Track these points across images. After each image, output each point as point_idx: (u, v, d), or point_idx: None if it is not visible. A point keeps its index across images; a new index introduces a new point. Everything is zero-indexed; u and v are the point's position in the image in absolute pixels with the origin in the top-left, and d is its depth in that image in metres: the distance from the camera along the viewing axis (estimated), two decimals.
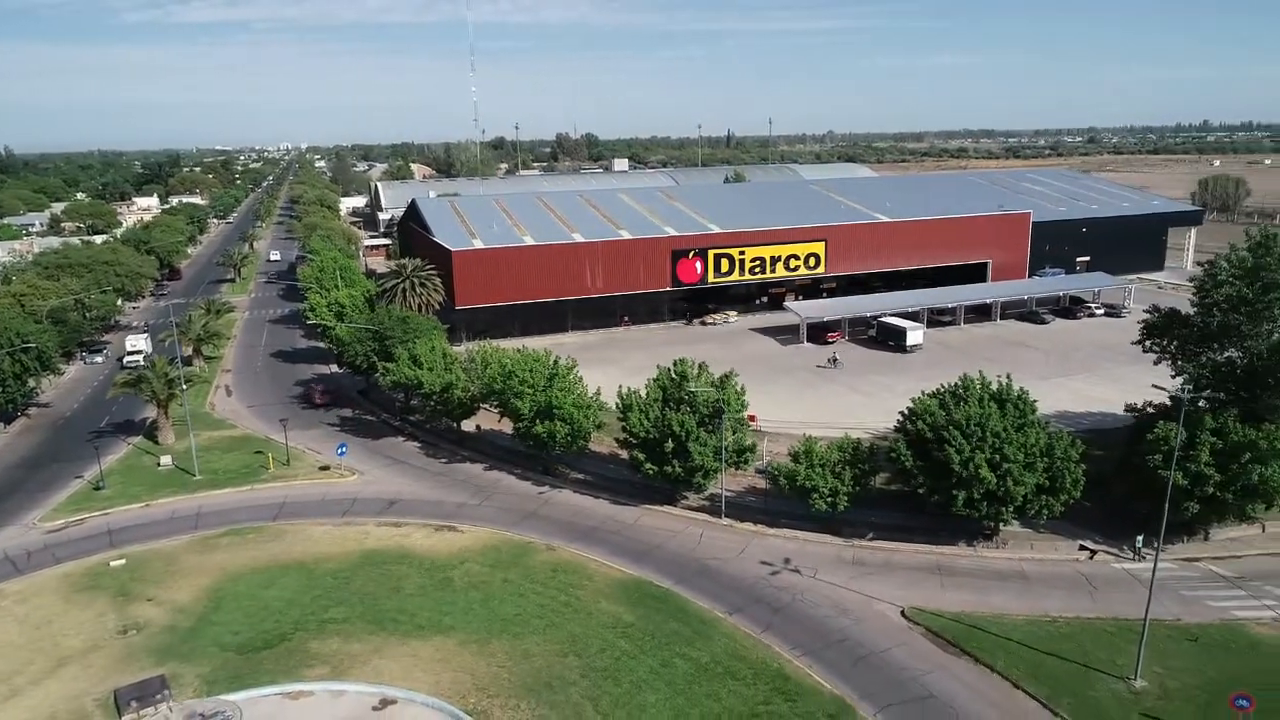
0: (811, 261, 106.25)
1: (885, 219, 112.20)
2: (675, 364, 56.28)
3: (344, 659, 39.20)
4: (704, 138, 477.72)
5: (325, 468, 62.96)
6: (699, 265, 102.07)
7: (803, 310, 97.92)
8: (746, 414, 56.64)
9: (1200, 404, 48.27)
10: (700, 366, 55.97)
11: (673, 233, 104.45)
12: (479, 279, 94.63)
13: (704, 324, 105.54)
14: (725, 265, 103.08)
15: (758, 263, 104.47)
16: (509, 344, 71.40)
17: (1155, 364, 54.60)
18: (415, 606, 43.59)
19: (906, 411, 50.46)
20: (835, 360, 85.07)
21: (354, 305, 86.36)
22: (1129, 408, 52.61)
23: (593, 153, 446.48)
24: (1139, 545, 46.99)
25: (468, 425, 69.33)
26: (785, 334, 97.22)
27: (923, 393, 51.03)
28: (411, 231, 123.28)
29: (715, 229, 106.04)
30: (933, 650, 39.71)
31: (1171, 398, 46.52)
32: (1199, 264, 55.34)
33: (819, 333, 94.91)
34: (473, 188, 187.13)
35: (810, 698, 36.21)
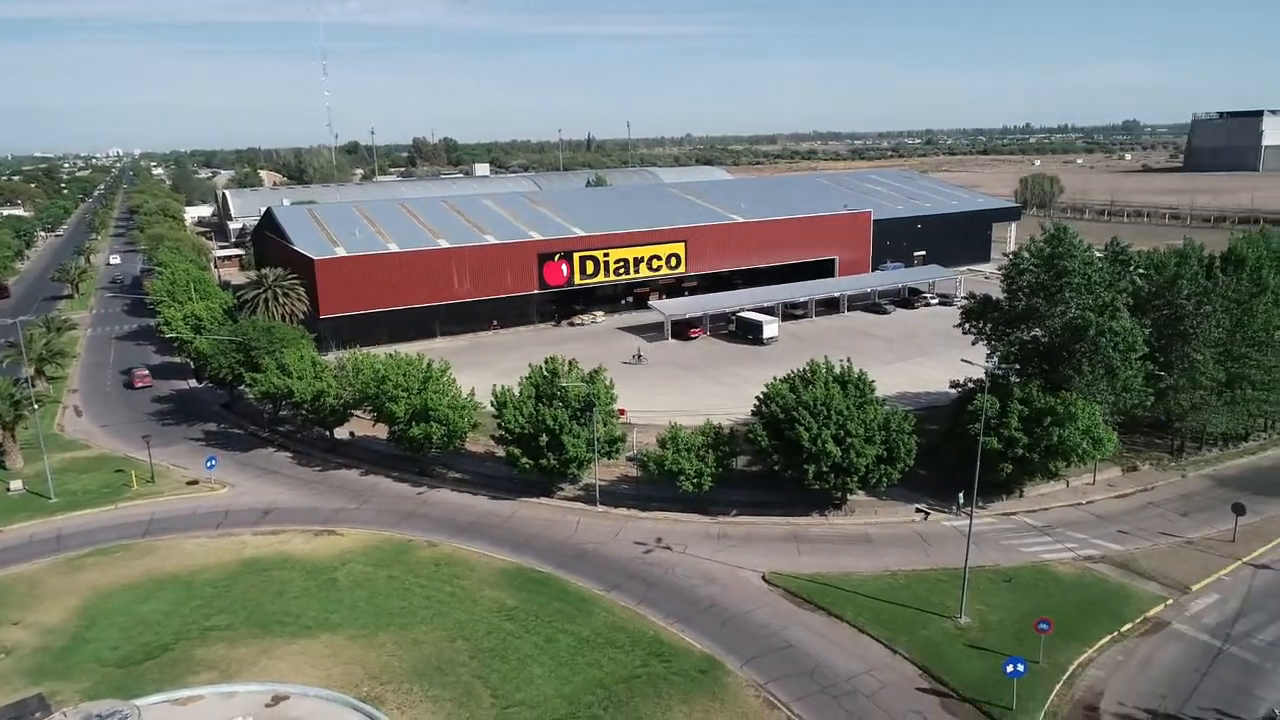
0: (673, 261, 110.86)
1: (740, 220, 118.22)
2: (546, 362, 58.84)
3: (231, 663, 39.75)
4: (565, 141, 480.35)
5: (194, 482, 61.91)
6: (565, 268, 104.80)
7: (666, 309, 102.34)
8: (616, 408, 59.85)
9: (1010, 377, 54.86)
10: (571, 363, 58.74)
11: (538, 236, 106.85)
12: (343, 287, 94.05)
13: (572, 325, 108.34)
14: (591, 267, 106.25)
15: (622, 264, 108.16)
16: (377, 351, 71.87)
17: (973, 344, 61.43)
18: (300, 608, 44.38)
19: (762, 396, 54.91)
20: (639, 357, 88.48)
21: (212, 318, 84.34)
22: (953, 384, 59.06)
23: (452, 157, 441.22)
24: (960, 503, 53.07)
25: (340, 432, 69.45)
26: (651, 332, 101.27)
27: (775, 378, 55.59)
28: (268, 240, 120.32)
29: (579, 232, 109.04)
30: (791, 608, 44.00)
31: (986, 373, 52.83)
32: (1004, 254, 62.36)
33: (682, 329, 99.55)
34: (329, 194, 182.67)
35: (683, 658, 39.68)
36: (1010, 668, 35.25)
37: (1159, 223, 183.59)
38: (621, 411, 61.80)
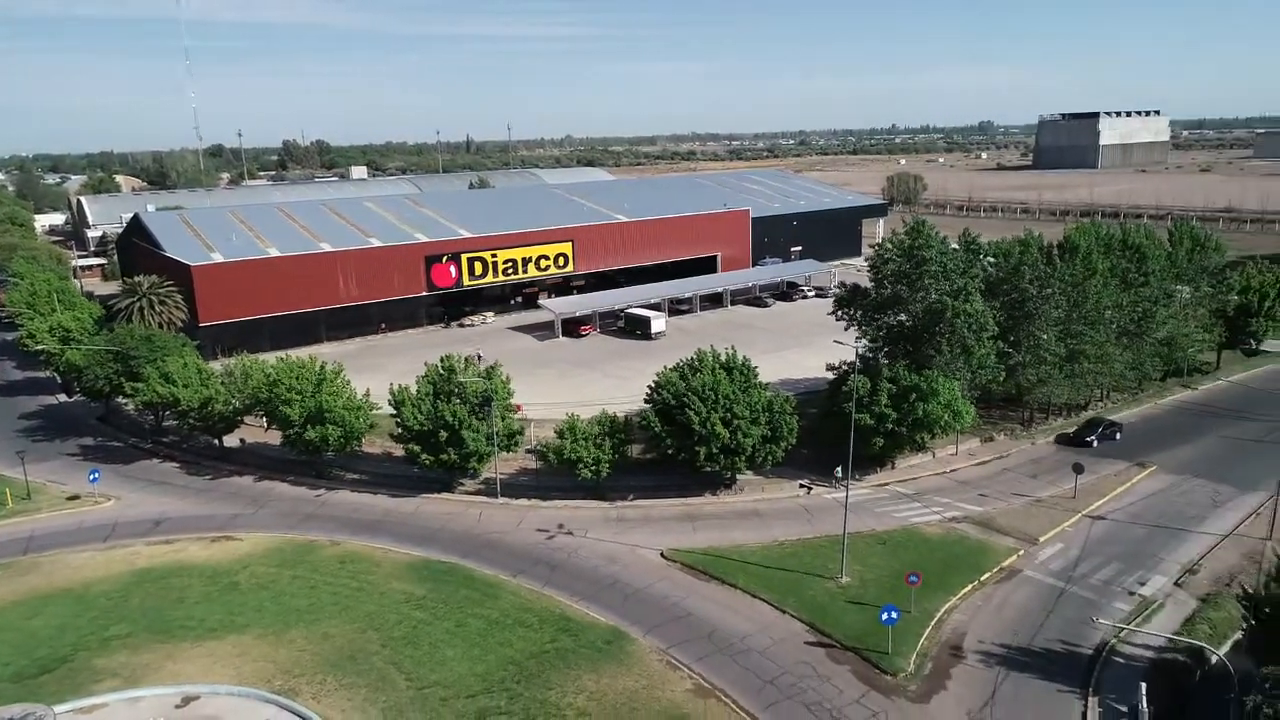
0: (561, 261, 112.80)
1: (625, 219, 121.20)
2: (442, 359, 59.91)
3: (135, 669, 39.46)
4: (443, 144, 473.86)
5: (75, 497, 59.89)
6: (453, 269, 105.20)
7: (556, 307, 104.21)
8: (513, 403, 61.46)
9: (879, 359, 59.54)
10: (467, 360, 60.01)
11: (424, 239, 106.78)
12: (223, 293, 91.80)
13: (462, 326, 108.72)
14: (479, 268, 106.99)
15: (510, 264, 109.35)
16: (265, 358, 70.93)
17: (845, 330, 66.09)
18: (203, 613, 44.21)
19: (653, 385, 57.69)
20: (479, 358, 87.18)
21: (83, 328, 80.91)
22: (829, 367, 63.44)
23: (325, 160, 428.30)
24: (839, 477, 57.26)
25: (230, 440, 68.30)
26: (541, 330, 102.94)
27: (665, 367, 58.48)
28: (135, 248, 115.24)
29: (466, 233, 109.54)
30: (688, 580, 46.89)
31: (857, 355, 57.23)
32: (870, 246, 67.33)
33: (573, 327, 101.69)
34: (196, 200, 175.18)
35: (589, 631, 41.91)
36: (885, 615, 39.11)
37: (1012, 217, 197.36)
38: (518, 407, 63.45)
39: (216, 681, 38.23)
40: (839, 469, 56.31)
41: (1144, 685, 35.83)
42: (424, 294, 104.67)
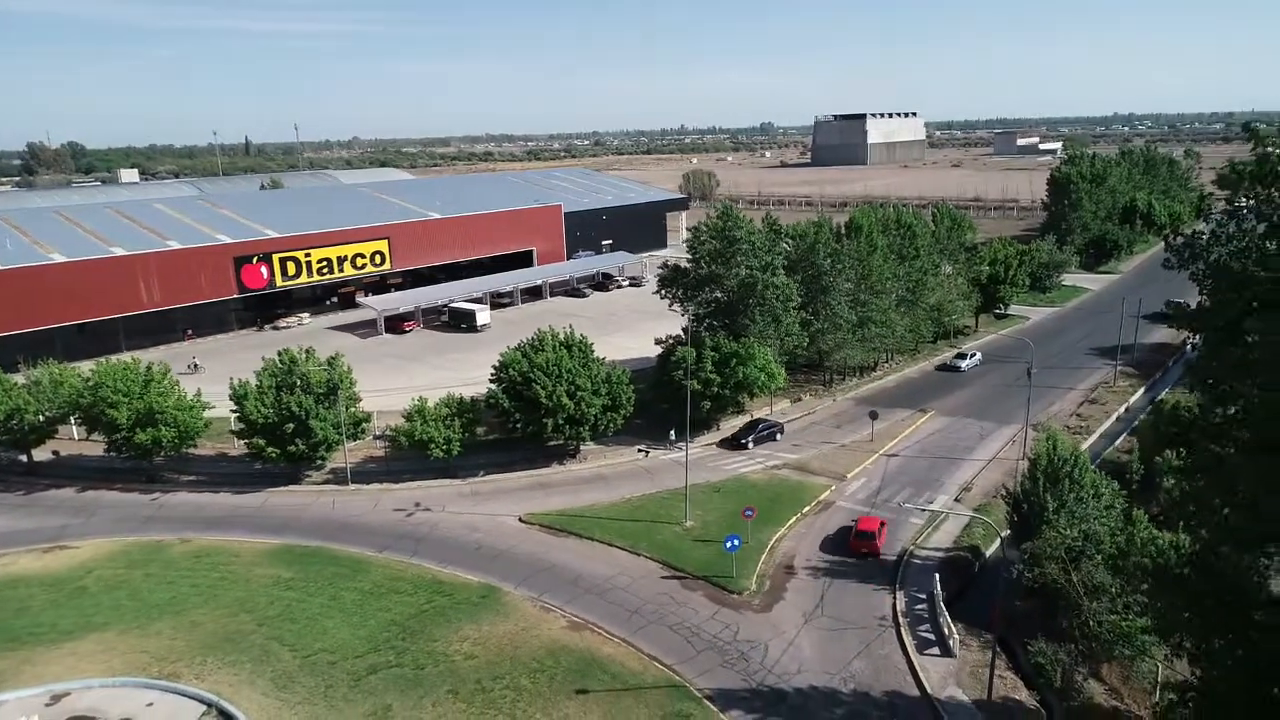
0: (377, 259, 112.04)
1: (439, 216, 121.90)
2: (281, 353, 59.79)
3: None
4: (221, 145, 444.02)
5: None
6: (265, 270, 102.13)
7: (378, 304, 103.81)
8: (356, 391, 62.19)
9: (702, 331, 65.65)
10: (308, 352, 60.27)
11: (229, 240, 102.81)
12: (1, 304, 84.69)
13: (277, 329, 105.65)
14: (292, 268, 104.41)
15: (325, 263, 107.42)
16: (70, 367, 67.16)
17: (670, 307, 71.91)
18: (53, 618, 42.70)
19: (498, 365, 60.63)
20: (195, 366, 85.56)
21: None
22: (657, 340, 68.92)
23: (80, 164, 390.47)
24: (672, 439, 62.87)
25: (41, 452, 64.08)
26: (364, 328, 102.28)
27: (509, 346, 61.61)
28: None
29: (273, 234, 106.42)
30: (548, 539, 50.51)
31: (684, 329, 63.16)
32: (688, 230, 73.52)
33: (396, 323, 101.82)
34: None
35: (463, 590, 44.60)
36: (729, 544, 44.70)
37: (797, 209, 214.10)
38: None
39: (86, 676, 37.57)
40: (672, 432, 62.00)
41: (937, 576, 43.60)
42: (234, 296, 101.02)
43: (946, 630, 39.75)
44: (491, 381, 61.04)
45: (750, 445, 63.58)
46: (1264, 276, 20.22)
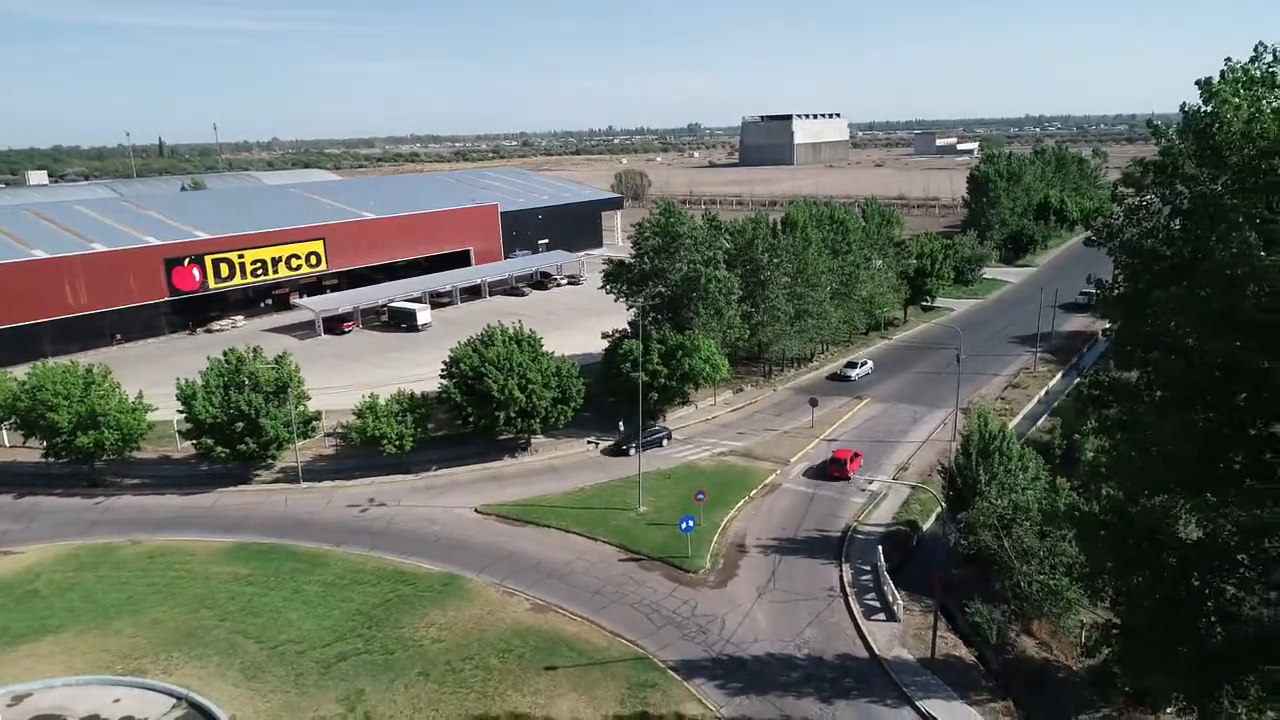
0: (313, 260, 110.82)
1: (374, 216, 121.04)
2: (227, 353, 59.43)
3: None
4: (133, 146, 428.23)
5: None
6: (197, 272, 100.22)
7: (315, 305, 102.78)
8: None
9: (647, 325, 67.29)
10: (255, 351, 60.02)
11: (157, 241, 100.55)
12: None
13: (210, 332, 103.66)
14: (226, 270, 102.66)
15: (259, 265, 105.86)
16: None
17: (615, 301, 73.53)
18: (4, 622, 42.05)
19: (448, 360, 61.34)
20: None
21: None
22: (604, 334, 70.43)
23: None
24: (621, 430, 64.49)
25: None
26: (301, 330, 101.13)
27: (459, 342, 62.38)
28: None
29: (204, 235, 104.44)
30: (506, 528, 51.59)
31: (631, 324, 64.79)
32: (631, 226, 75.13)
33: (335, 324, 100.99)
34: None
35: (425, 579, 45.42)
36: (684, 525, 46.52)
37: (729, 208, 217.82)
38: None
39: (47, 676, 37.31)
40: (621, 423, 63.65)
41: (880, 549, 46.19)
42: (165, 299, 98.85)
43: (890, 598, 42.27)
44: (443, 377, 61.70)
45: (632, 452, 59.75)
46: (1168, 254, 22.90)
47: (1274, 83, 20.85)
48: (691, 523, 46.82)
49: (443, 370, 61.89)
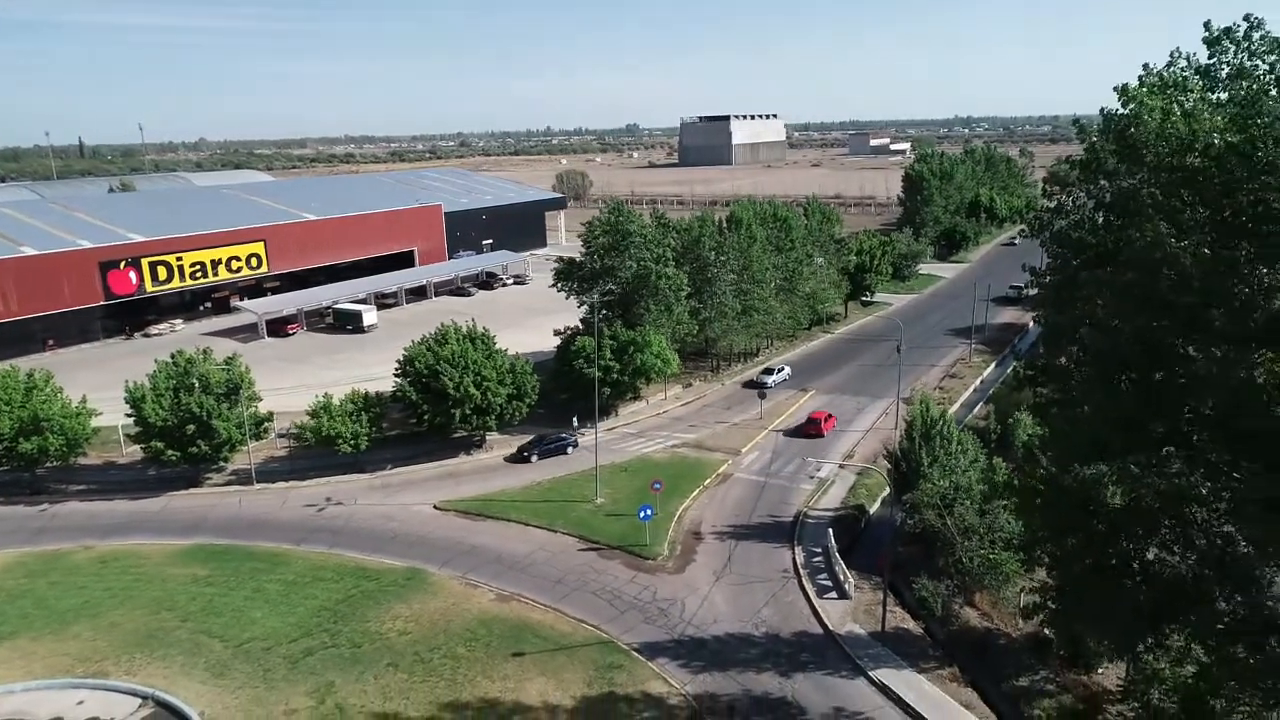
0: (254, 262, 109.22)
1: (314, 217, 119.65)
2: (175, 355, 58.80)
3: None
4: (52, 147, 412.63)
5: None
6: (134, 275, 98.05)
7: (258, 307, 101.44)
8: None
9: (599, 322, 68.46)
10: (205, 352, 59.49)
11: (89, 244, 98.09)
12: None
13: (148, 336, 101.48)
14: (164, 273, 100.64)
15: (198, 267, 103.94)
16: None
17: (567, 298, 74.52)
18: None
19: (403, 359, 61.62)
20: None
21: None
22: (556, 332, 71.36)
23: None
24: (575, 425, 65.47)
25: None
26: (244, 333, 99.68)
27: (413, 341, 62.70)
28: None
29: (139, 237, 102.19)
30: (465, 523, 52.26)
31: (582, 320, 65.87)
32: (582, 224, 76.13)
33: (278, 327, 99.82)
34: None
35: (388, 574, 45.88)
36: (642, 513, 47.88)
37: (670, 207, 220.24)
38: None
39: (5, 683, 36.89)
40: (575, 419, 64.67)
41: (830, 531, 48.20)
42: (100, 303, 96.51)
43: (841, 577, 44.22)
44: (397, 375, 61.93)
45: (534, 459, 60.79)
46: (1093, 243, 25.04)
47: (1186, 86, 23.00)
48: (650, 511, 48.18)
49: (397, 369, 62.12)
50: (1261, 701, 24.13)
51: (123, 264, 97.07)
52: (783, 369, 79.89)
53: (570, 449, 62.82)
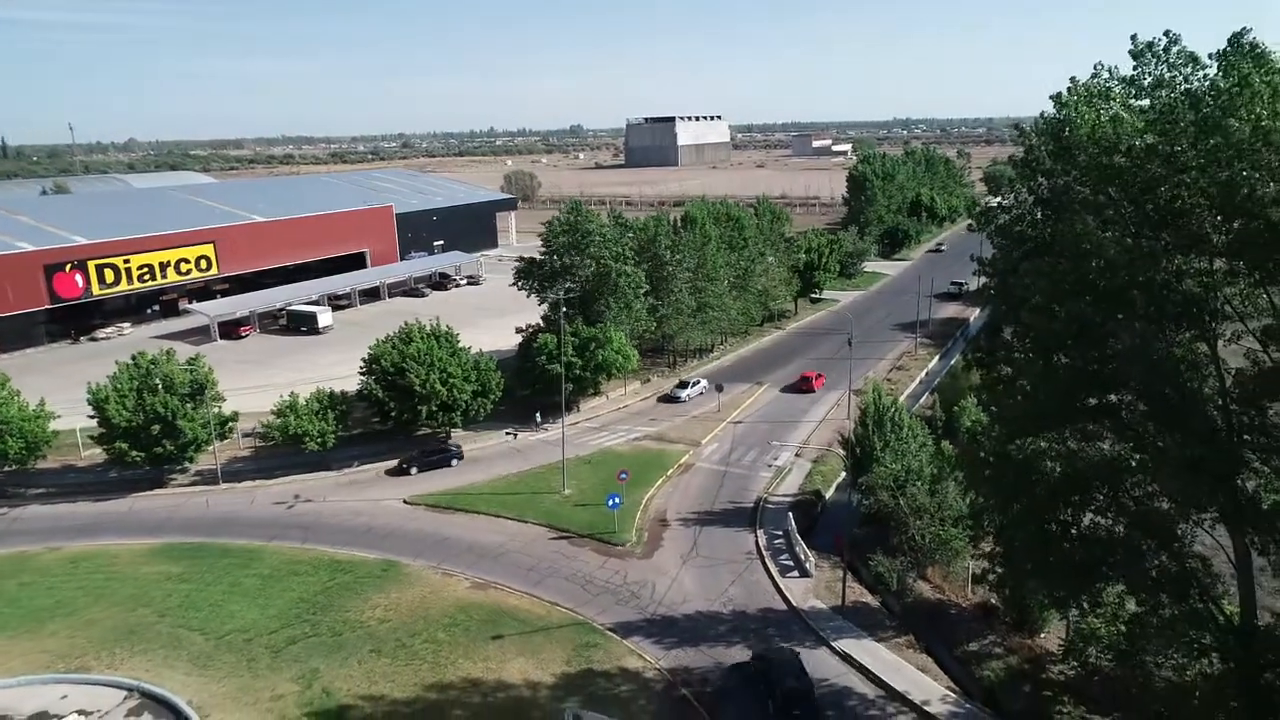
0: (203, 264, 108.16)
1: (263, 219, 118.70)
2: (138, 355, 58.73)
3: None
4: None
5: None
6: (80, 278, 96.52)
7: (210, 310, 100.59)
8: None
9: (560, 319, 70.01)
10: (169, 353, 59.51)
11: (30, 247, 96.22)
12: None
13: (95, 340, 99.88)
14: (111, 276, 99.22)
15: (146, 270, 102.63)
16: None
17: (528, 297, 75.87)
18: None
19: (368, 357, 62.39)
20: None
21: None
22: (518, 329, 72.66)
23: None
24: (538, 421, 67.02)
25: None
26: (195, 335, 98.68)
27: (378, 340, 63.50)
28: None
29: (84, 240, 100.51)
30: (436, 516, 53.39)
31: (544, 318, 67.32)
32: (543, 224, 77.39)
33: (230, 329, 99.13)
34: None
35: (363, 566, 46.88)
36: (610, 502, 49.67)
37: (620, 208, 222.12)
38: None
39: None
40: (538, 414, 66.24)
41: (791, 515, 50.59)
42: (45, 307, 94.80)
43: (803, 556, 46.59)
44: (363, 373, 62.67)
45: (414, 472, 58.77)
46: (1032, 234, 27.68)
47: (1109, 95, 25.68)
48: (618, 500, 49.97)
49: (362, 367, 62.88)
50: (1184, 652, 26.98)
51: (68, 267, 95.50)
52: (698, 382, 77.18)
53: (455, 461, 60.55)
